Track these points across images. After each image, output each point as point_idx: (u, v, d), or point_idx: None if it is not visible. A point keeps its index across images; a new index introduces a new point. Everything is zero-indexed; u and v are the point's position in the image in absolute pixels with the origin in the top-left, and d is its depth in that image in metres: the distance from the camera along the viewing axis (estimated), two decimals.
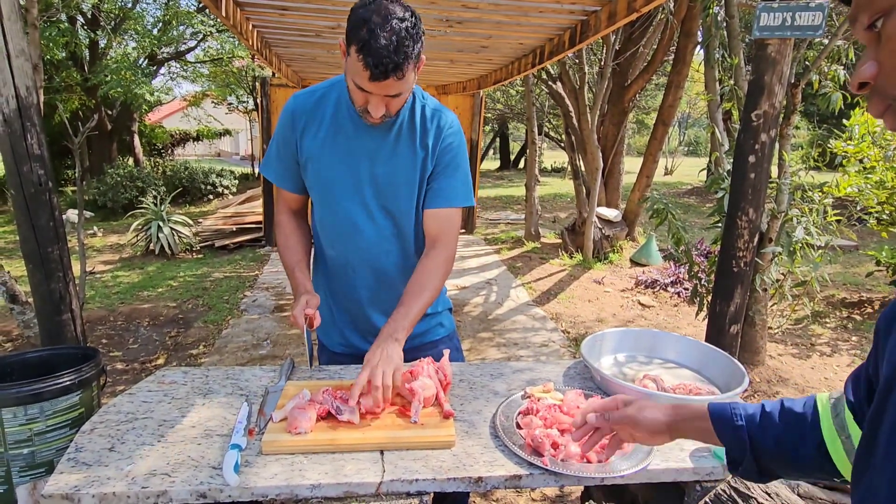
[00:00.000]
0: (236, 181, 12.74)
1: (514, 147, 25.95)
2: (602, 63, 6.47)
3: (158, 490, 0.98)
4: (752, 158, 2.32)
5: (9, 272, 3.03)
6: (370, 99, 1.19)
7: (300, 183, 1.42)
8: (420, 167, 1.35)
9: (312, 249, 1.52)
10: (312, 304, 1.32)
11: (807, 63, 3.15)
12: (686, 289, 5.25)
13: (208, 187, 11.74)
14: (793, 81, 2.96)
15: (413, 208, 1.39)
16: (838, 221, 3.17)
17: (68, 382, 1.59)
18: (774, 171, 2.76)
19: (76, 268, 2.53)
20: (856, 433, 0.69)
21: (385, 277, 1.43)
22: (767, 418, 0.76)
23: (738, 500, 0.93)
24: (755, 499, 0.93)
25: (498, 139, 24.16)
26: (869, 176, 3.71)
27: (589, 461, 1.08)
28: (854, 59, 3.11)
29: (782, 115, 2.81)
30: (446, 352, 1.36)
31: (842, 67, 3.11)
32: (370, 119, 1.23)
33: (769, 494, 0.94)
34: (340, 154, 1.33)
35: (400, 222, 1.39)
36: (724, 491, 0.96)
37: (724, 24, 3.20)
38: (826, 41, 3.02)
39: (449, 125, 1.36)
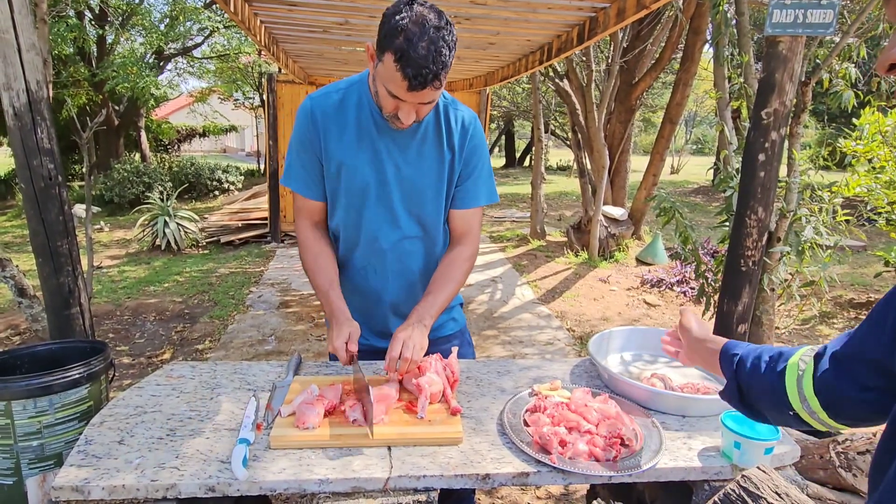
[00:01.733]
0: (242, 177, 12.78)
1: (520, 145, 25.91)
2: (609, 60, 6.44)
3: (168, 483, 0.98)
4: (761, 157, 2.30)
5: (17, 266, 3.05)
6: (402, 106, 1.17)
7: (325, 188, 1.38)
8: (448, 169, 1.35)
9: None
10: (354, 338, 1.26)
11: (817, 61, 3.12)
12: (692, 288, 5.23)
13: (214, 183, 11.78)
14: (803, 79, 2.93)
15: (440, 210, 1.39)
16: (847, 221, 3.14)
17: (77, 376, 1.60)
18: (783, 170, 2.74)
19: (84, 262, 2.55)
20: (809, 366, 0.78)
21: (409, 280, 1.43)
22: (760, 354, 0.87)
23: (748, 500, 0.93)
24: (765, 499, 0.92)
25: (503, 137, 24.11)
26: (879, 176, 3.67)
27: (597, 459, 1.07)
28: (866, 58, 3.08)
29: (792, 114, 2.79)
30: (454, 349, 1.36)
31: (853, 65, 3.08)
32: (399, 125, 1.22)
33: (779, 495, 0.93)
34: (366, 157, 1.31)
35: (426, 224, 1.39)
36: (733, 490, 0.95)
37: (734, 22, 3.18)
38: (837, 39, 2.99)
39: (474, 126, 1.37)
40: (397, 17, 1.09)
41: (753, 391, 0.86)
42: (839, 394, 0.73)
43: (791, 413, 0.80)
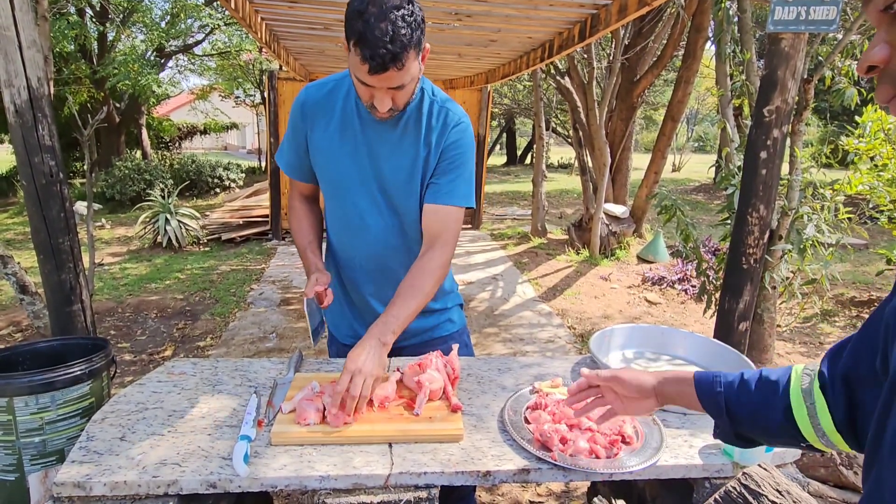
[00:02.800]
0: (243, 175, 12.77)
1: (521, 142, 25.88)
2: (611, 58, 6.42)
3: (169, 480, 0.99)
4: (763, 154, 2.29)
5: (19, 263, 3.05)
6: (375, 93, 1.17)
7: (310, 174, 1.42)
8: (422, 165, 1.33)
9: (325, 238, 1.52)
10: (322, 280, 1.32)
11: (819, 58, 3.11)
12: (693, 286, 5.23)
13: (215, 181, 11.78)
14: (805, 77, 2.92)
15: (417, 205, 1.38)
16: (849, 219, 3.14)
17: (79, 372, 1.60)
18: (785, 167, 2.73)
19: (85, 259, 2.55)
20: (820, 401, 0.73)
21: (390, 273, 1.43)
22: (744, 385, 0.81)
23: (749, 498, 0.93)
24: (766, 496, 0.92)
25: (505, 134, 24.08)
26: (881, 174, 3.66)
27: (598, 456, 1.07)
28: None
29: (794, 111, 2.78)
30: (455, 346, 1.36)
31: (855, 63, 3.07)
32: (378, 114, 1.22)
33: (780, 492, 0.93)
34: (348, 149, 1.33)
35: (404, 218, 1.39)
36: (734, 488, 0.95)
37: (736, 19, 3.17)
38: (840, 36, 2.98)
39: (456, 122, 1.33)
40: (356, 2, 1.09)
41: (755, 431, 0.82)
42: (857, 425, 0.70)
43: (804, 444, 0.77)
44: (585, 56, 6.55)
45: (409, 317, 1.24)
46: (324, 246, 1.53)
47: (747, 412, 0.81)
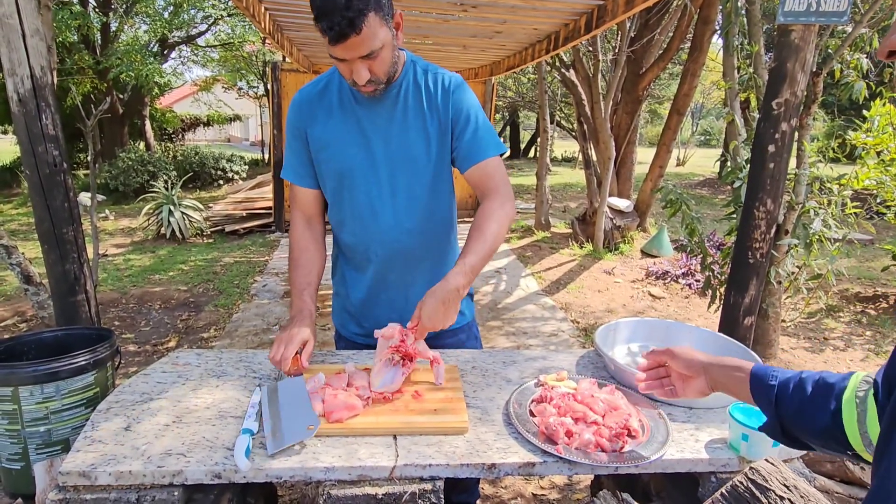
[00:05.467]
0: (246, 166, 12.77)
1: (525, 136, 25.77)
2: (617, 50, 6.37)
3: (174, 470, 0.99)
4: (771, 148, 2.27)
5: (23, 253, 3.06)
6: (351, 67, 1.17)
7: (317, 177, 1.40)
8: (436, 130, 1.33)
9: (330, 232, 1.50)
10: (308, 352, 1.26)
11: (829, 51, 3.08)
12: (697, 280, 5.21)
13: (219, 172, 11.78)
14: (814, 70, 2.89)
15: (437, 177, 1.37)
16: (856, 214, 3.12)
17: (83, 362, 1.60)
18: (792, 162, 2.71)
19: (89, 250, 2.55)
20: (872, 409, 0.70)
21: (411, 257, 1.41)
22: (801, 383, 0.79)
23: (756, 493, 0.92)
24: (773, 491, 0.91)
25: (508, 128, 23.97)
26: (889, 168, 3.62)
27: (603, 450, 1.07)
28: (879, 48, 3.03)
29: (802, 105, 2.75)
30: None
31: (865, 56, 3.03)
32: (364, 90, 1.22)
33: (787, 487, 0.92)
34: (353, 137, 1.32)
35: (422, 195, 1.37)
36: (741, 483, 0.94)
37: (744, 11, 3.13)
38: (849, 29, 2.94)
39: (455, 84, 1.34)
40: None
41: (801, 430, 0.79)
42: None
43: (850, 453, 0.74)
44: (591, 48, 6.50)
45: (479, 261, 1.25)
46: (329, 239, 1.51)
47: (795, 409, 0.78)
